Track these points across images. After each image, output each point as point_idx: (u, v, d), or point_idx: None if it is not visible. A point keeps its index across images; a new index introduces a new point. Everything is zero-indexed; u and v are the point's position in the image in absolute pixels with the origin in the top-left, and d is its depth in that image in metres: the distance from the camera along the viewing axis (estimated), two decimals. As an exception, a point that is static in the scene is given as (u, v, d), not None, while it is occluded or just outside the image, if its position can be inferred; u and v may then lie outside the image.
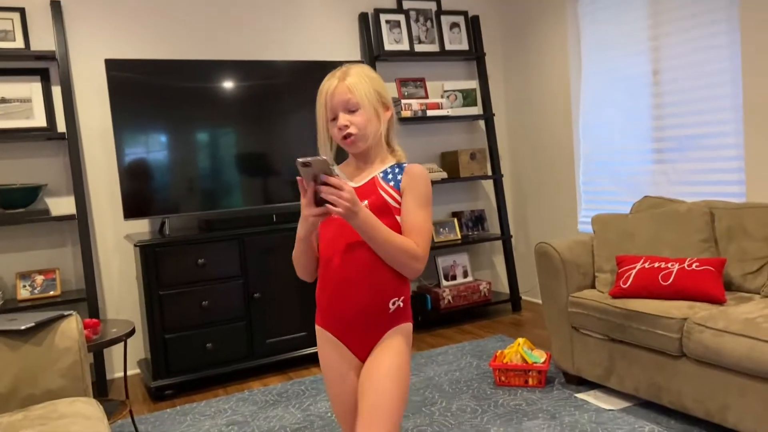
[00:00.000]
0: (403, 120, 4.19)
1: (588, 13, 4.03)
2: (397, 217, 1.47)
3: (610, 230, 2.99)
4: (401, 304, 1.50)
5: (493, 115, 4.58)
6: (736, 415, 2.22)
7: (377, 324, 1.48)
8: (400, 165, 1.53)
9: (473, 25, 4.57)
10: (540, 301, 4.51)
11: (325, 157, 1.32)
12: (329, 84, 1.50)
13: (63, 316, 2.15)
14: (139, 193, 3.44)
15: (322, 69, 4.01)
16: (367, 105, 1.47)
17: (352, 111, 1.47)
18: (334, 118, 1.50)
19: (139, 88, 3.42)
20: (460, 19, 4.55)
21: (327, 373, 1.55)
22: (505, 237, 4.56)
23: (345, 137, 1.48)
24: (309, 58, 4.11)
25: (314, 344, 3.62)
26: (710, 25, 3.24)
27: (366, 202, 1.45)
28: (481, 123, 4.71)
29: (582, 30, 4.09)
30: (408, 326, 1.53)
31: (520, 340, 3.10)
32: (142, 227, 3.77)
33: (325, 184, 1.32)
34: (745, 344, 2.15)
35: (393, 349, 1.46)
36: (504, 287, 4.78)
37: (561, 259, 2.91)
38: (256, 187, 3.74)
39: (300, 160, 1.28)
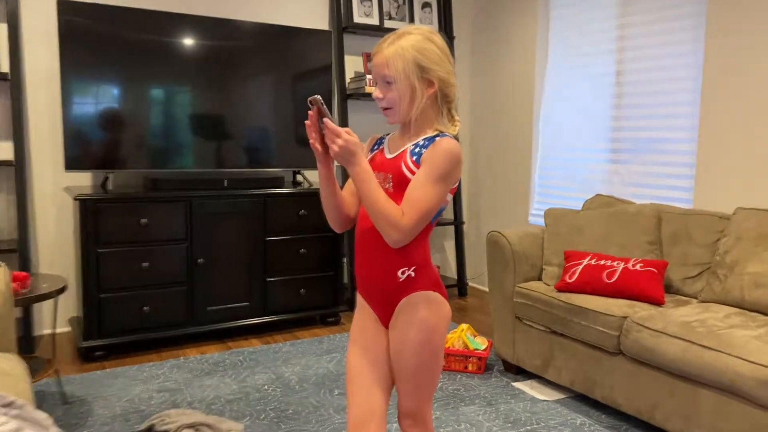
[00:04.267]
0: (366, 96, 4.12)
1: (558, 7, 4.03)
2: None
3: (561, 225, 3.02)
4: (412, 274, 1.47)
5: (457, 98, 4.54)
6: (663, 414, 2.29)
7: (389, 292, 1.49)
8: (433, 138, 1.44)
9: (445, 7, 4.52)
10: (486, 289, 4.56)
11: (318, 96, 1.34)
12: (375, 49, 1.46)
13: (-12, 267, 2.03)
14: (84, 144, 3.27)
15: (287, 35, 3.92)
16: (402, 81, 1.40)
17: (388, 83, 1.42)
18: (375, 82, 1.48)
19: (92, 34, 3.23)
20: (432, 0, 4.48)
21: (352, 330, 1.59)
22: (458, 222, 4.57)
23: (381, 108, 1.49)
24: (276, 22, 3.97)
25: (255, 315, 3.56)
26: (677, 31, 3.28)
27: (390, 175, 1.46)
28: (444, 107, 4.67)
29: (551, 24, 4.09)
30: (428, 294, 1.49)
31: (464, 325, 3.12)
32: (84, 180, 3.59)
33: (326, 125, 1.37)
34: (680, 346, 2.20)
35: (415, 324, 1.46)
36: (452, 273, 4.80)
37: (511, 249, 2.92)
38: (209, 149, 3.61)
39: (309, 98, 1.36)
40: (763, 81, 2.86)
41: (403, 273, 1.47)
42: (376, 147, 1.59)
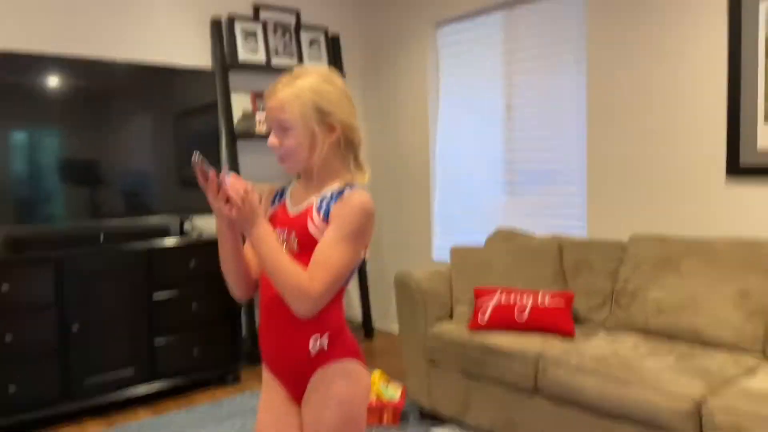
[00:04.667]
0: (257, 136, 3.92)
1: (448, 44, 4.07)
2: None
3: (467, 262, 2.96)
4: (325, 343, 1.32)
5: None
6: (586, 452, 2.24)
7: (300, 365, 1.33)
8: (341, 191, 1.31)
9: (333, 44, 4.44)
10: (393, 330, 4.44)
11: (195, 158, 1.20)
12: (268, 92, 1.33)
13: None
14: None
15: (167, 74, 3.65)
16: (300, 126, 1.28)
17: (285, 129, 1.30)
18: (269, 132, 1.36)
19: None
20: (320, 36, 4.39)
21: (259, 409, 1.42)
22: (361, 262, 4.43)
23: (276, 156, 1.35)
24: (154, 60, 3.69)
25: (143, 382, 3.20)
26: (560, 65, 3.39)
27: (294, 232, 1.32)
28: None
29: (441, 58, 4.12)
30: (343, 365, 1.33)
31: (376, 372, 2.96)
32: (-72, 243, 3.10)
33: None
34: (597, 381, 2.17)
35: (332, 401, 1.30)
36: (356, 314, 4.64)
37: (420, 290, 2.82)
38: (82, 199, 3.24)
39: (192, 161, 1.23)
40: (643, 111, 2.99)
41: (315, 342, 1.31)
42: (276, 200, 1.44)
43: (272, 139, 1.31)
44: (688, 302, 2.43)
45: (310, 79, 1.30)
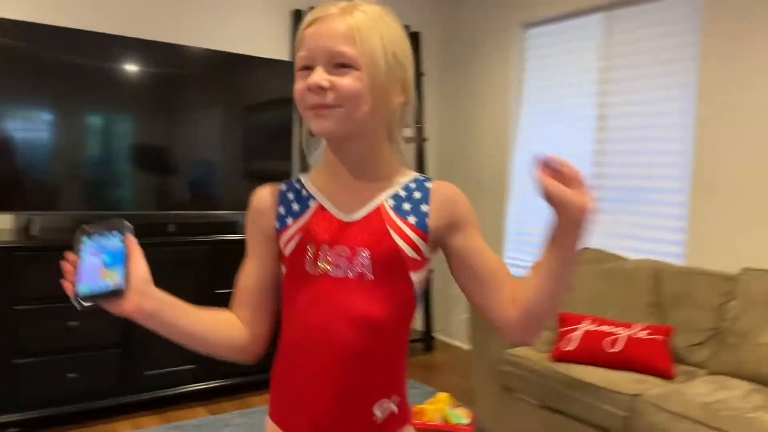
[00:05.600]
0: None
1: (536, 46, 3.83)
2: (413, 276, 0.94)
3: (550, 282, 2.73)
4: (395, 408, 0.96)
5: (426, 139, 4.28)
6: None
7: None
8: (419, 181, 0.97)
9: (413, 42, 4.26)
10: (456, 343, 4.24)
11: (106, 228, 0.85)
12: (318, 14, 0.90)
13: None
14: (3, 180, 2.80)
15: (244, 64, 3.56)
16: (373, 68, 0.88)
17: (342, 66, 0.87)
18: (307, 67, 0.90)
19: (16, 54, 2.80)
20: (401, 33, 4.23)
21: None
22: (425, 271, 4.25)
23: (313, 107, 0.89)
24: (231, 50, 3.61)
25: (201, 380, 3.10)
26: (666, 75, 3.10)
27: (363, 253, 0.91)
28: (411, 147, 4.39)
29: (527, 62, 3.89)
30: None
31: (442, 395, 2.76)
32: (4, 224, 3.09)
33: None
34: (705, 434, 1.92)
35: None
36: (417, 324, 4.45)
37: (498, 310, 2.61)
38: (149, 188, 3.19)
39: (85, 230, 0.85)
40: (763, 129, 2.68)
41: (384, 406, 0.95)
42: (293, 206, 0.98)
43: (321, 76, 0.87)
44: (811, 350, 2.13)
45: (379, 11, 0.92)
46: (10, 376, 2.64)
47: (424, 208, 0.94)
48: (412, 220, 0.94)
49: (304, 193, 0.99)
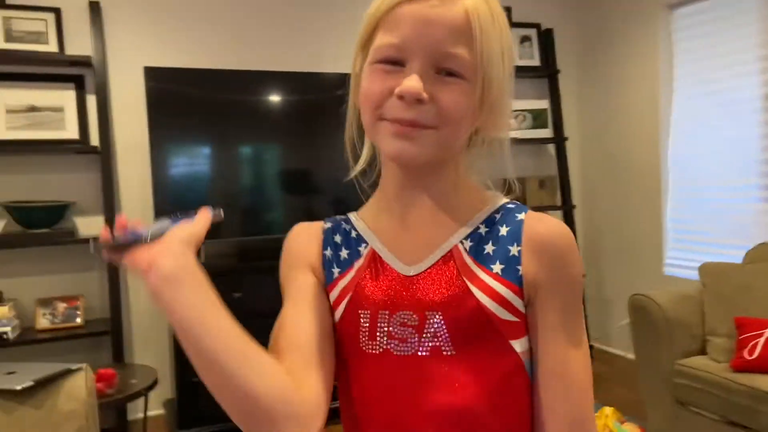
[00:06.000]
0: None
1: (685, 27, 3.53)
2: (515, 345, 0.68)
3: (723, 284, 2.48)
4: None
5: (566, 138, 4.11)
6: None
7: None
8: (507, 210, 0.71)
9: (546, 39, 4.12)
10: (614, 351, 4.01)
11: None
12: None
13: (70, 371, 1.78)
14: (174, 213, 3.09)
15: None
16: (488, 81, 0.66)
17: (449, 74, 0.65)
18: (395, 61, 0.66)
19: (179, 98, 3.09)
20: (532, 33, 4.11)
21: None
22: (576, 276, 4.06)
23: (398, 120, 0.65)
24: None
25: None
26: None
27: (435, 317, 0.67)
28: (551, 147, 4.24)
29: (676, 45, 3.59)
30: None
31: (608, 409, 2.60)
32: (175, 252, 3.41)
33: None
34: None
35: None
36: (571, 331, 4.26)
37: (664, 317, 2.42)
38: (298, 210, 3.36)
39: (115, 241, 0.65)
40: None
41: None
42: (340, 253, 0.76)
43: (419, 83, 0.63)
44: None
45: (498, 6, 0.68)
46: (192, 393, 2.89)
47: (513, 249, 0.68)
48: (497, 268, 0.67)
49: (353, 234, 0.76)
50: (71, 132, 3.15)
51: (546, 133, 4.13)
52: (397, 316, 0.69)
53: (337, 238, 0.77)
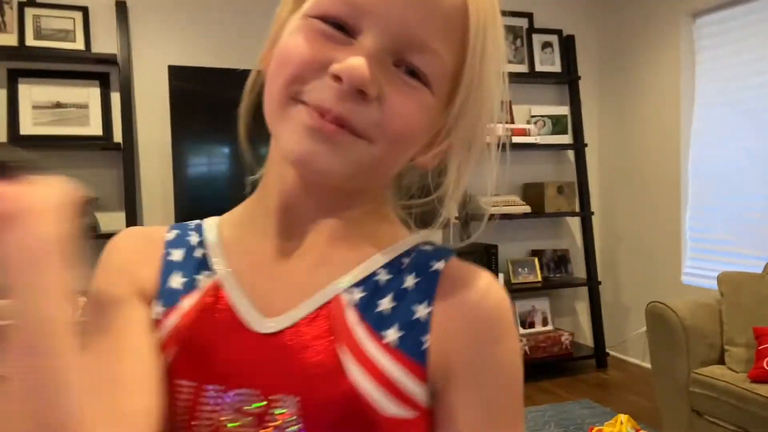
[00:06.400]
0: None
1: (707, 36, 3.51)
2: None
3: (742, 293, 2.46)
4: None
5: (585, 145, 4.09)
6: None
7: None
8: (420, 254, 0.50)
9: (567, 46, 4.12)
10: (630, 359, 3.98)
11: None
12: None
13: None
14: (195, 213, 3.13)
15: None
16: (463, 99, 0.48)
17: (412, 73, 0.46)
18: (337, 24, 0.46)
19: (202, 97, 3.13)
20: (554, 39, 4.10)
21: None
22: (592, 283, 4.04)
23: (325, 114, 0.45)
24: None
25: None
26: None
27: (290, 403, 0.44)
28: (571, 153, 4.23)
29: (698, 54, 3.57)
30: None
31: (623, 417, 2.59)
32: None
33: None
34: None
35: None
36: (587, 340, 4.24)
37: (682, 325, 2.40)
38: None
39: None
40: None
41: None
42: (174, 278, 0.51)
43: (364, 67, 0.43)
44: None
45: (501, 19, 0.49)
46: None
47: (420, 311, 0.46)
48: (391, 335, 0.46)
49: (198, 253, 0.53)
50: (95, 128, 3.21)
51: (566, 139, 4.12)
52: (233, 396, 0.45)
53: (177, 254, 0.52)
